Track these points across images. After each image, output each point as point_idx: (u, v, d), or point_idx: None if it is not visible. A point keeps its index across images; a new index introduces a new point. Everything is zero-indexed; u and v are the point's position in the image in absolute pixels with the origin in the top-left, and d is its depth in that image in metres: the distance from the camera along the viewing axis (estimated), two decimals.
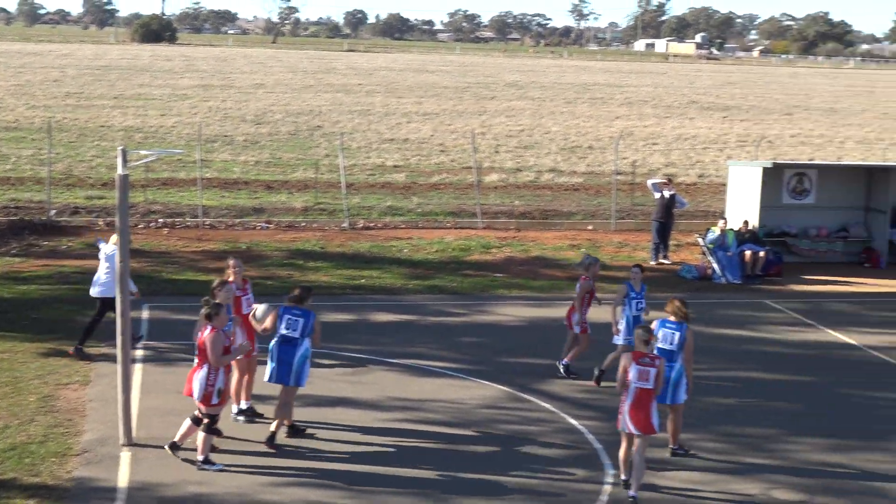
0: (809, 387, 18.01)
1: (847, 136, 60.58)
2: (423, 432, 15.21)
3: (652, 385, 13.23)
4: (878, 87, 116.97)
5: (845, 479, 14.15)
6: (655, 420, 13.32)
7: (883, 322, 22.53)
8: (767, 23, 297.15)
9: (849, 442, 15.44)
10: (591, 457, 14.56)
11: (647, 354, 13.33)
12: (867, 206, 28.84)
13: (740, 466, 14.41)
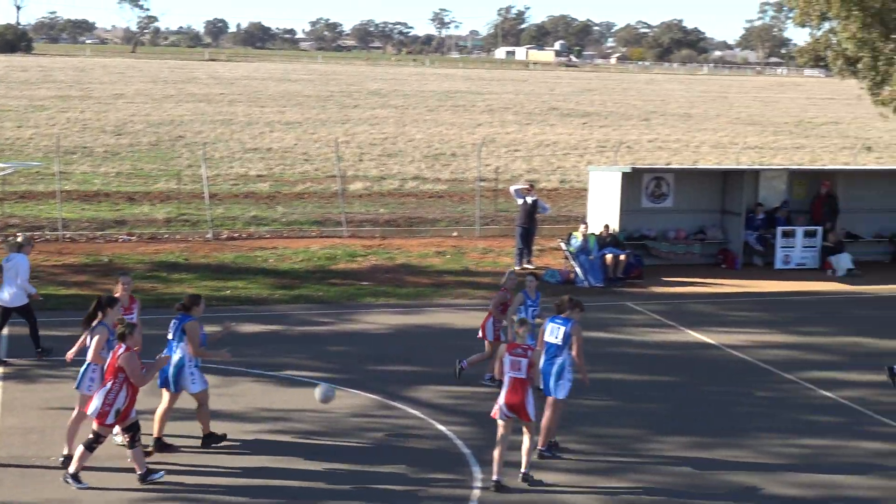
0: (671, 386, 18.41)
1: (702, 141, 62.02)
2: (292, 443, 15.16)
3: (524, 374, 13.71)
4: (730, 93, 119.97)
5: (708, 475, 14.51)
6: (531, 408, 13.73)
7: (740, 321, 23.14)
8: (624, 30, 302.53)
9: (710, 439, 15.82)
10: (459, 462, 14.67)
11: (520, 345, 13.86)
12: (723, 208, 29.58)
13: (606, 466, 14.67)
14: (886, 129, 66.52)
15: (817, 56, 34.83)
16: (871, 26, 30.35)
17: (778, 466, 14.81)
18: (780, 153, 57.08)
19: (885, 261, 30.40)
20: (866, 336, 22.06)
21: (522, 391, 13.75)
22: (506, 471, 13.77)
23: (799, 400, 17.86)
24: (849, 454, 15.39)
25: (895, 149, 61.62)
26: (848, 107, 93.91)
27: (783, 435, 16.07)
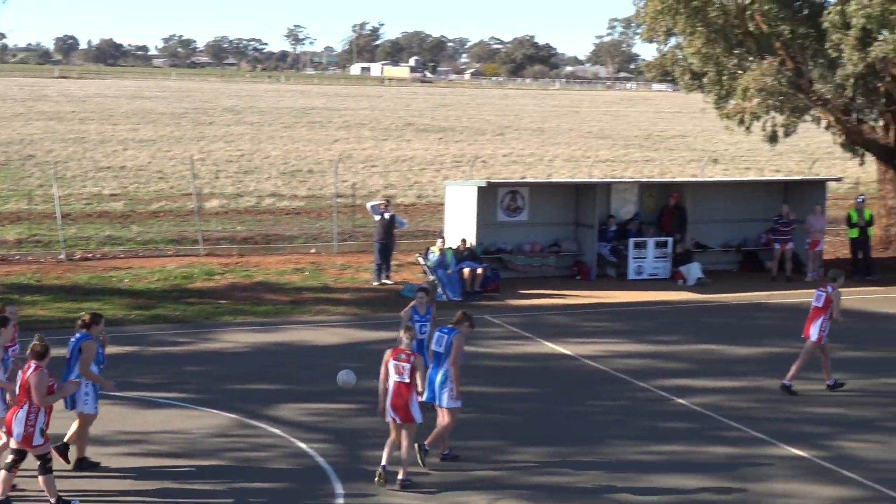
0: (530, 397, 18.67)
1: (555, 155, 62.94)
2: (150, 466, 14.97)
3: (408, 379, 14.26)
4: (582, 108, 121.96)
5: (567, 484, 14.75)
6: (416, 412, 14.32)
7: (595, 332, 23.58)
8: (477, 46, 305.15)
9: (569, 448, 16.10)
10: (320, 479, 14.67)
11: (404, 351, 14.39)
12: (577, 221, 30.11)
13: (467, 478, 14.81)
14: (732, 141, 68.45)
15: (665, 71, 35.64)
16: (715, 42, 31.21)
17: (634, 473, 15.13)
18: (630, 166, 58.26)
19: (734, 270, 31.30)
20: (717, 343, 22.69)
21: (406, 395, 14.28)
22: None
23: (653, 407, 18.28)
24: (702, 459, 15.80)
25: (741, 161, 63.39)
26: (695, 120, 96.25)
27: (638, 442, 16.43)
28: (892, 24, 28.50)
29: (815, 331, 19.18)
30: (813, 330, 19.20)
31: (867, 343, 22.94)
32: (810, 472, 15.31)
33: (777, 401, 18.72)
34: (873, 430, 17.22)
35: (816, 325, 19.18)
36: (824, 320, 19.12)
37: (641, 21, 32.59)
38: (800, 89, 31.49)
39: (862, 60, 29.20)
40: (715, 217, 31.33)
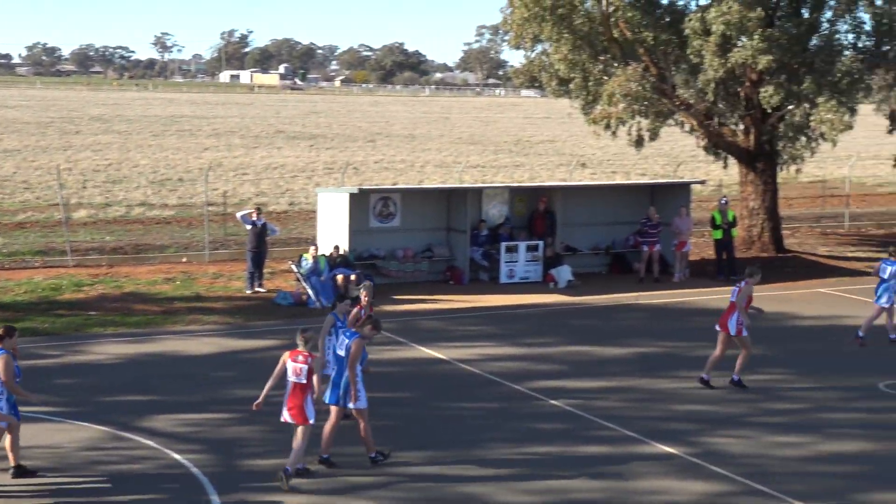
0: (405, 402, 18.75)
1: (427, 161, 63.21)
2: (20, 482, 14.67)
3: (305, 380, 14.63)
4: (452, 114, 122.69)
5: (444, 487, 14.87)
6: (310, 412, 14.67)
7: (468, 336, 23.78)
8: (347, 53, 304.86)
9: (445, 452, 16.21)
10: (196, 490, 14.56)
11: (301, 353, 14.72)
12: (448, 226, 30.32)
13: (346, 484, 14.84)
14: (599, 146, 69.58)
15: (532, 77, 36.06)
16: (581, 48, 31.71)
17: (509, 475, 15.31)
18: (501, 171, 58.78)
19: (603, 272, 31.83)
20: (587, 344, 23.05)
21: (302, 395, 14.69)
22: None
23: (527, 409, 18.51)
24: (575, 458, 16.05)
25: (608, 165, 64.42)
26: (563, 125, 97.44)
27: (513, 444, 16.63)
28: (750, 30, 29.33)
29: (732, 325, 19.66)
30: (731, 324, 19.69)
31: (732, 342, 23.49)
32: (681, 469, 15.67)
33: (647, 399, 19.11)
34: (740, 425, 17.69)
35: (733, 319, 19.64)
36: (739, 313, 19.58)
37: (509, 28, 32.94)
38: (663, 94, 32.18)
39: (722, 66, 29.98)
40: (584, 220, 31.83)
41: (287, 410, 14.84)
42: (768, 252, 34.50)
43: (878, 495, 14.75)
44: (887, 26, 31.80)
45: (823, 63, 30.54)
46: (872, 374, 20.78)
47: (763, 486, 14.96)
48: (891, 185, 56.39)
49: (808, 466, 15.87)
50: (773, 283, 30.31)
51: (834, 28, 32.55)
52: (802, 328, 25.32)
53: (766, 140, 33.59)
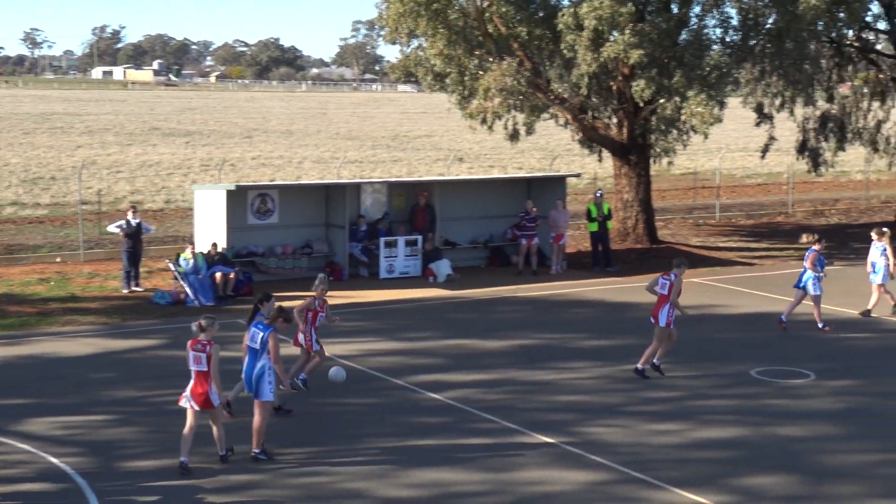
0: (287, 399, 18.69)
1: (304, 157, 62.96)
2: None
3: (205, 367, 15.10)
4: (329, 109, 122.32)
5: (328, 484, 14.87)
6: (213, 397, 15.12)
7: (349, 331, 23.73)
8: (222, 49, 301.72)
9: (327, 448, 16.21)
10: (74, 494, 14.35)
11: (200, 341, 15.17)
12: (327, 222, 30.28)
13: (226, 484, 14.75)
14: (476, 140, 70.06)
15: (408, 72, 36.18)
16: (457, 43, 31.89)
17: (392, 469, 15.39)
18: (379, 166, 58.82)
19: (482, 265, 32.09)
20: (467, 338, 23.22)
21: (205, 382, 15.11)
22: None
23: (407, 403, 18.61)
24: (457, 451, 16.18)
25: (485, 159, 64.85)
26: (440, 120, 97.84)
27: (394, 438, 16.71)
28: (621, 25, 29.80)
29: (663, 317, 20.04)
30: (661, 316, 20.06)
31: (609, 332, 23.94)
32: (561, 459, 15.90)
33: (527, 391, 19.34)
34: (617, 415, 18.01)
35: (664, 312, 20.03)
36: (670, 306, 19.97)
37: (384, 23, 33.00)
38: (538, 89, 32.55)
39: (595, 60, 30.40)
40: (462, 214, 32.05)
41: (192, 397, 15.19)
42: (643, 243, 35.13)
43: (751, 479, 15.15)
44: (753, 21, 32.57)
45: (693, 57, 31.18)
46: (745, 361, 21.32)
47: (641, 474, 15.26)
48: (759, 176, 57.78)
49: (683, 453, 16.24)
50: (648, 273, 30.85)
51: (702, 23, 33.26)
52: (676, 317, 25.76)
53: (639, 133, 34.17)
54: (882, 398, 19.10)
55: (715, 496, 14.49)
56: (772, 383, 19.95)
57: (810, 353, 22.21)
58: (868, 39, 42.71)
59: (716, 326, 24.74)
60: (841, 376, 20.44)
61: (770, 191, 52.24)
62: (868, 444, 16.65)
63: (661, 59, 31.22)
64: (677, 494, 14.58)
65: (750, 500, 14.39)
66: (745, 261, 33.31)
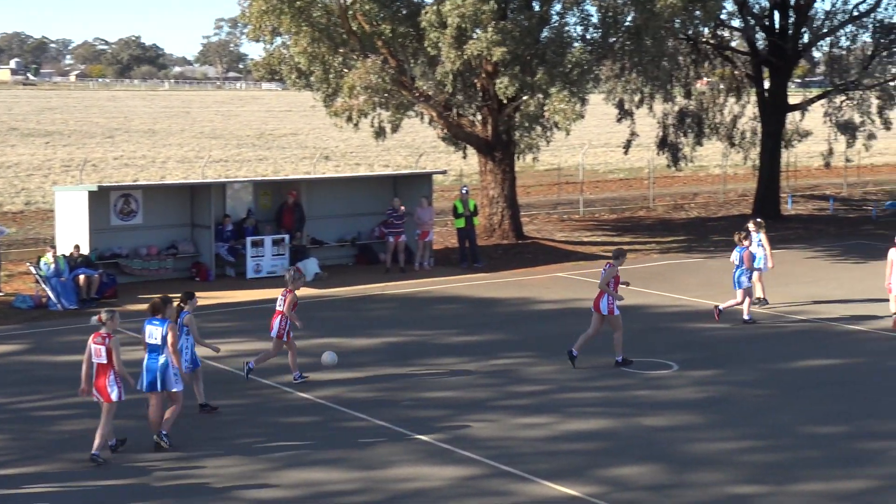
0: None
1: (168, 156, 62.16)
2: None
3: (105, 360, 15.37)
4: (193, 108, 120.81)
5: (200, 488, 14.74)
6: (113, 392, 15.38)
7: (216, 332, 23.42)
8: (82, 47, 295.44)
9: (197, 451, 16.05)
10: None
11: (101, 334, 15.45)
12: (193, 222, 29.95)
13: (85, 489, 14.54)
14: (342, 138, 69.87)
15: (273, 70, 35.97)
16: (321, 41, 31.81)
17: (262, 470, 15.32)
18: (244, 165, 58.38)
19: (350, 264, 32.09)
20: (336, 336, 23.19)
21: (104, 375, 15.40)
22: None
23: (278, 403, 18.53)
24: (328, 451, 16.17)
25: (351, 157, 64.82)
26: (305, 118, 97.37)
27: (265, 439, 16.64)
28: (484, 23, 30.06)
29: (604, 306, 20.59)
30: (602, 305, 20.61)
31: (477, 328, 24.15)
32: (431, 455, 16.01)
33: (396, 389, 19.42)
34: (486, 409, 18.18)
35: (605, 301, 20.55)
36: (610, 295, 20.53)
37: (247, 21, 32.76)
38: (403, 86, 32.67)
39: (459, 58, 30.62)
40: (329, 213, 31.98)
41: (96, 390, 15.51)
42: (509, 239, 35.47)
43: (618, 469, 15.44)
44: (613, 19, 33.11)
45: (554, 54, 31.59)
46: (611, 354, 21.65)
47: (511, 468, 15.44)
48: (621, 171, 58.79)
49: (552, 446, 16.47)
50: (514, 268, 31.27)
51: (563, 20, 33.71)
52: (543, 311, 26.17)
53: (504, 130, 34.50)
54: (740, 387, 19.63)
55: (583, 487, 14.74)
56: (637, 375, 20.35)
57: (673, 344, 22.71)
58: (723, 37, 43.84)
59: (580, 319, 25.05)
60: (702, 366, 20.94)
61: (632, 186, 53.18)
62: (729, 432, 17.10)
63: (523, 56, 31.56)
64: (546, 487, 14.79)
65: (617, 490, 14.67)
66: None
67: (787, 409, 18.28)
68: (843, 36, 42.73)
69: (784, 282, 26.04)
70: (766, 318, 25.11)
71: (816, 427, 17.36)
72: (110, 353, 15.41)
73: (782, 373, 20.53)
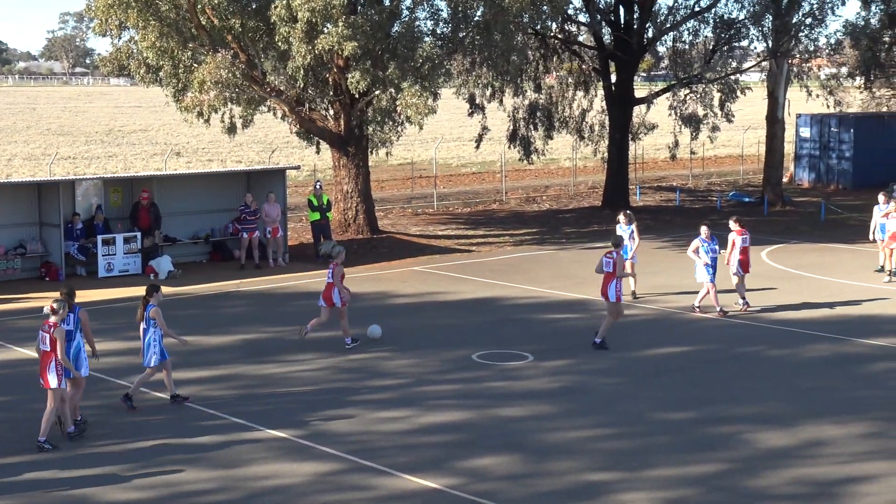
0: (2, 406, 18.11)
1: (14, 154, 60.68)
2: None
3: (48, 348, 16.01)
4: (39, 104, 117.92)
5: (50, 492, 14.50)
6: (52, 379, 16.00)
7: None
8: None
9: (49, 455, 15.78)
10: None
11: (48, 322, 16.06)
12: (41, 221, 29.30)
13: None
14: (193, 134, 69.13)
15: (121, 65, 35.40)
16: (169, 36, 31.38)
17: (118, 471, 15.15)
18: (93, 162, 57.27)
19: (204, 261, 31.75)
20: (191, 334, 22.81)
21: (47, 362, 16.04)
22: None
23: (133, 402, 18.26)
24: (184, 450, 16.05)
25: (203, 153, 64.09)
26: (155, 114, 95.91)
27: (120, 440, 16.43)
28: (334, 17, 30.00)
29: (612, 293, 21.65)
30: (610, 292, 21.65)
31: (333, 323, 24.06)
32: (290, 451, 15.99)
33: (254, 385, 19.34)
34: (344, 405, 18.22)
35: (612, 288, 21.60)
36: (617, 282, 21.64)
37: (93, 15, 32.17)
38: (254, 81, 32.45)
39: (310, 52, 30.52)
40: (182, 209, 31.60)
41: (40, 376, 16.23)
42: (364, 234, 35.52)
43: (476, 461, 15.63)
44: (462, 14, 33.37)
45: (405, 49, 31.72)
46: (467, 346, 21.92)
47: (370, 462, 15.52)
48: (473, 165, 59.26)
49: (411, 439, 16.59)
50: (370, 263, 31.32)
51: (414, 15, 33.89)
52: (399, 306, 26.29)
53: (356, 125, 34.50)
54: (593, 376, 20.03)
55: (443, 479, 14.89)
56: (493, 366, 20.60)
57: (527, 335, 23.03)
58: (571, 32, 44.55)
59: (437, 313, 25.33)
60: (556, 356, 21.29)
61: (485, 179, 53.67)
62: (583, 420, 17.45)
63: (374, 50, 31.62)
64: (406, 480, 14.91)
65: (476, 481, 14.86)
66: (464, 248, 34.16)
67: (639, 397, 18.73)
68: (686, 31, 43.81)
69: (635, 271, 26.58)
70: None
71: (668, 413, 17.82)
72: (54, 343, 15.96)
73: (634, 361, 21.01)
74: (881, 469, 15.28)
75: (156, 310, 17.94)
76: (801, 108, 49.41)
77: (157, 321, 17.89)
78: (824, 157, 50.19)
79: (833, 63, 47.35)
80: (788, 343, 22.29)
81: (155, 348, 17.91)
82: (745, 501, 14.24)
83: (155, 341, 17.91)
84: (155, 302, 18.07)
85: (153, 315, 17.89)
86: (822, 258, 31.92)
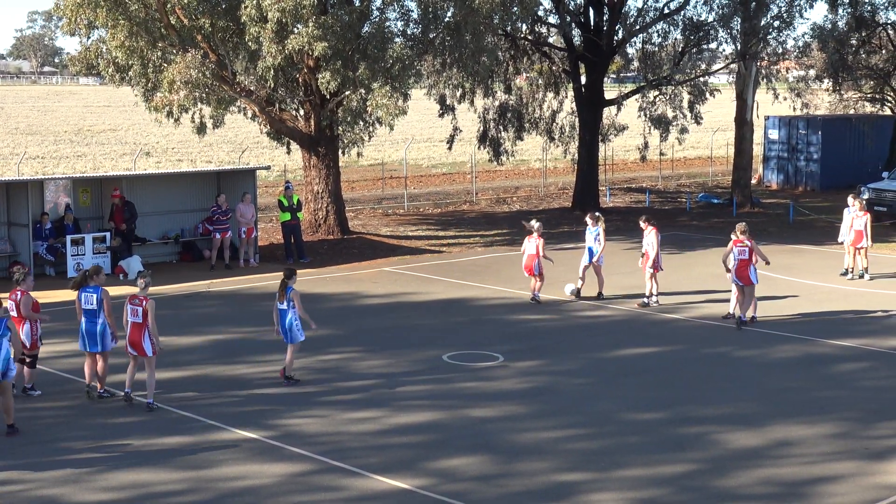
0: None
1: None
2: None
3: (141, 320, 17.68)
4: (7, 104, 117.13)
5: (18, 494, 14.42)
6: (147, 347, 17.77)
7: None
8: None
9: (17, 460, 15.68)
10: None
11: (137, 297, 17.79)
12: (9, 221, 29.14)
13: None
14: (163, 133, 68.93)
15: (90, 65, 35.25)
16: (139, 35, 31.28)
17: (88, 473, 15.07)
18: (62, 162, 56.98)
19: (173, 261, 31.65)
20: (161, 335, 22.72)
21: (139, 332, 17.65)
22: None
23: (101, 405, 18.19)
24: (154, 451, 15.98)
25: (173, 153, 63.88)
26: (125, 113, 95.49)
27: (89, 441, 16.36)
28: (305, 17, 29.99)
29: (753, 276, 23.52)
30: (752, 276, 23.50)
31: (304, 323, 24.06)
32: (261, 452, 15.96)
33: (224, 386, 19.30)
34: (313, 405, 18.21)
35: (752, 272, 23.52)
36: (755, 265, 23.56)
37: (62, 14, 32.03)
38: (224, 81, 32.37)
39: (280, 53, 30.47)
40: (151, 209, 31.49)
41: (131, 346, 17.95)
42: (334, 234, 35.48)
43: (447, 461, 15.66)
44: (433, 14, 33.39)
45: (376, 49, 31.69)
46: (437, 347, 21.94)
47: (341, 463, 15.51)
48: (444, 165, 59.32)
49: (382, 439, 16.59)
50: (340, 264, 31.32)
51: (384, 15, 33.85)
52: (370, 306, 26.27)
53: (327, 125, 34.45)
54: (563, 376, 20.09)
55: (413, 480, 14.90)
56: (463, 367, 20.63)
57: (498, 336, 23.07)
58: (541, 33, 44.64)
59: (408, 313, 25.34)
60: (526, 357, 21.34)
61: (455, 180, 53.72)
62: (554, 421, 17.49)
63: (345, 51, 31.58)
64: (377, 480, 14.91)
65: (446, 482, 14.88)
66: (434, 248, 34.20)
67: (609, 397, 18.80)
68: (655, 33, 43.92)
69: (604, 272, 26.69)
70: (587, 307, 25.72)
71: (638, 413, 17.89)
72: (146, 314, 17.63)
73: (604, 361, 21.08)
74: (849, 469, 15.40)
75: (295, 291, 19.14)
76: (769, 110, 49.68)
77: (294, 302, 19.04)
78: (792, 158, 50.52)
79: (801, 66, 47.68)
80: (757, 344, 22.43)
81: (297, 326, 19.15)
82: (715, 501, 14.32)
83: (296, 320, 19.14)
84: (293, 284, 19.21)
85: (293, 297, 19.04)
86: (791, 259, 32.10)
